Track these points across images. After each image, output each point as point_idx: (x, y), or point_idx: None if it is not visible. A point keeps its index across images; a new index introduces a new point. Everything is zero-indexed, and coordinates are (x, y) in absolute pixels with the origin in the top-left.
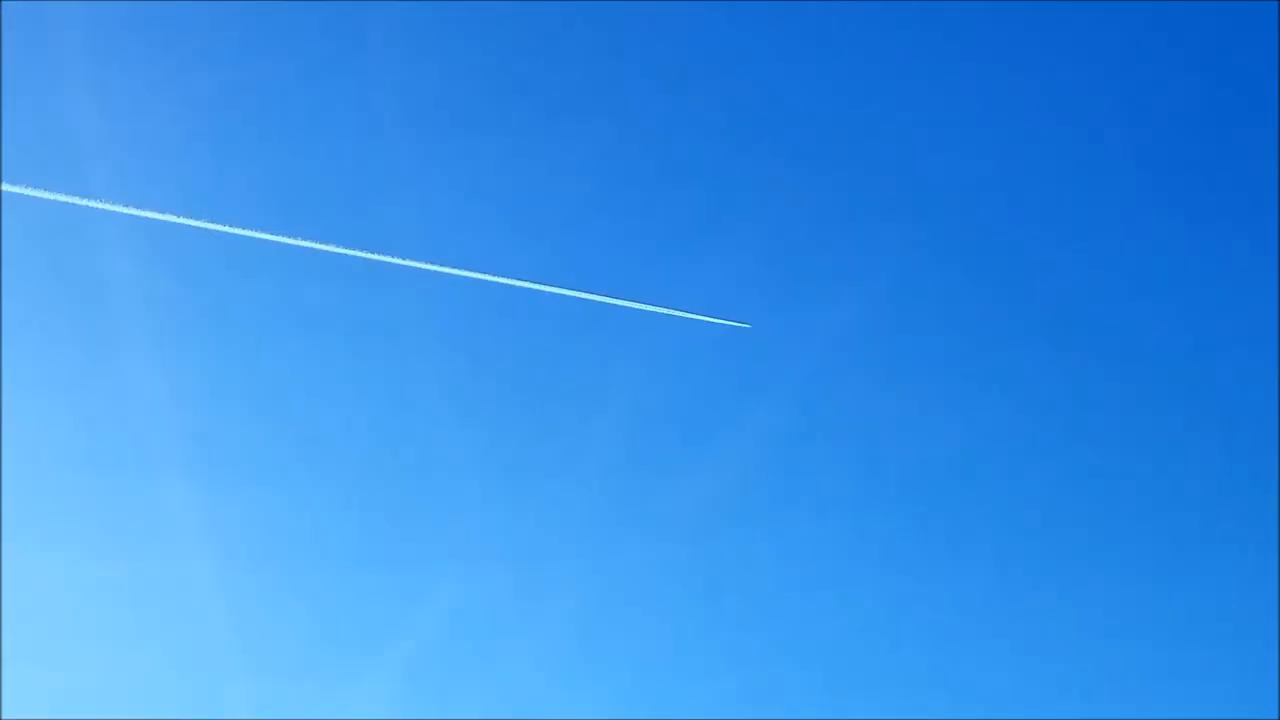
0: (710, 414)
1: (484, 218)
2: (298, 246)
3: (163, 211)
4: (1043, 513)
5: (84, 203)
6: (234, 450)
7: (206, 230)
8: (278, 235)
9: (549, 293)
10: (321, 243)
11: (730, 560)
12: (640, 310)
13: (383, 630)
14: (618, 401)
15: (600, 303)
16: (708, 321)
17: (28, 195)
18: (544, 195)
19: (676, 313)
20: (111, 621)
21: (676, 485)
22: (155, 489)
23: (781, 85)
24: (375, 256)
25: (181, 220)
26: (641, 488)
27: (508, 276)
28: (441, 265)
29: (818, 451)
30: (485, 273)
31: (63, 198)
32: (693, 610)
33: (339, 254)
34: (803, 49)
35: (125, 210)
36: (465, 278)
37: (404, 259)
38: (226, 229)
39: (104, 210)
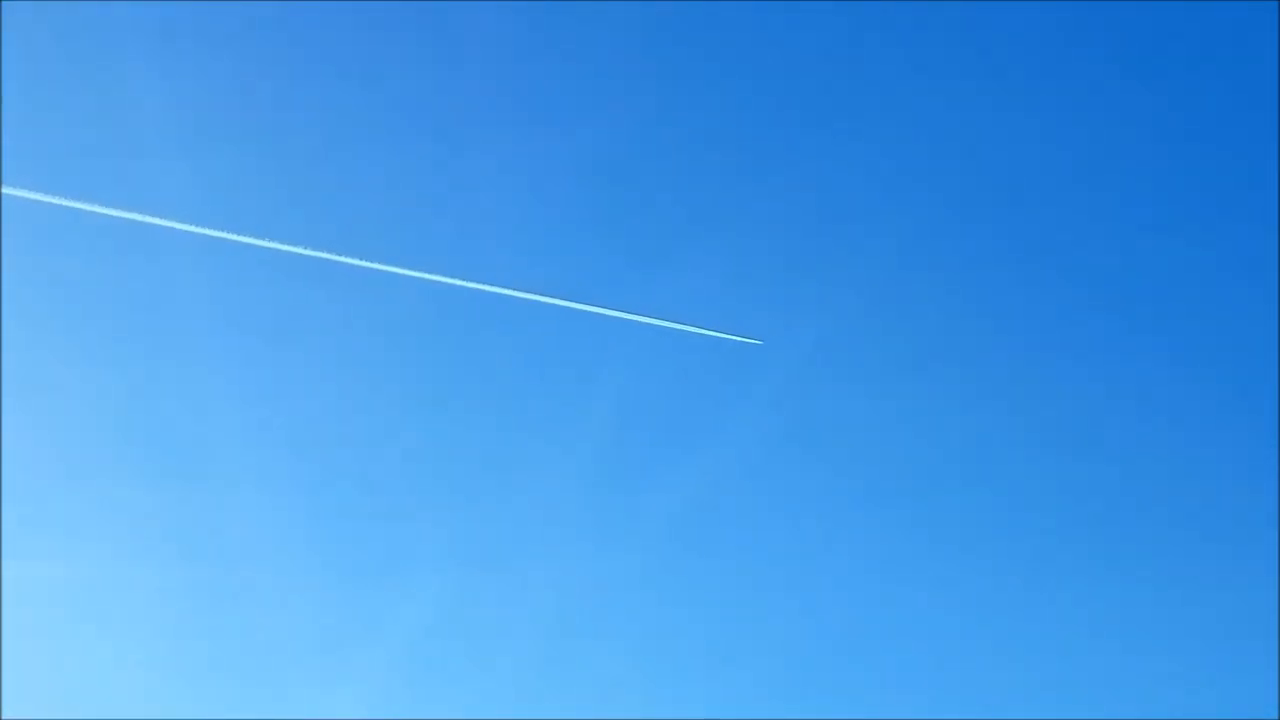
0: (690, 419)
1: (466, 222)
2: (275, 250)
3: (134, 212)
4: (1031, 516)
5: (65, 204)
6: (210, 452)
7: (182, 231)
8: (259, 239)
9: (527, 299)
10: (301, 247)
11: (709, 565)
12: (622, 317)
13: (360, 634)
14: (597, 407)
15: (580, 309)
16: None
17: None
18: (515, 200)
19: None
20: (86, 623)
21: (656, 490)
22: (129, 491)
23: (756, 91)
24: (354, 261)
25: (155, 221)
26: (621, 492)
27: (489, 284)
28: (424, 272)
29: (796, 457)
30: (468, 279)
31: (48, 199)
32: (671, 615)
33: (317, 258)
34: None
35: (104, 211)
36: (446, 283)
37: (386, 264)
38: (205, 231)
39: (83, 211)
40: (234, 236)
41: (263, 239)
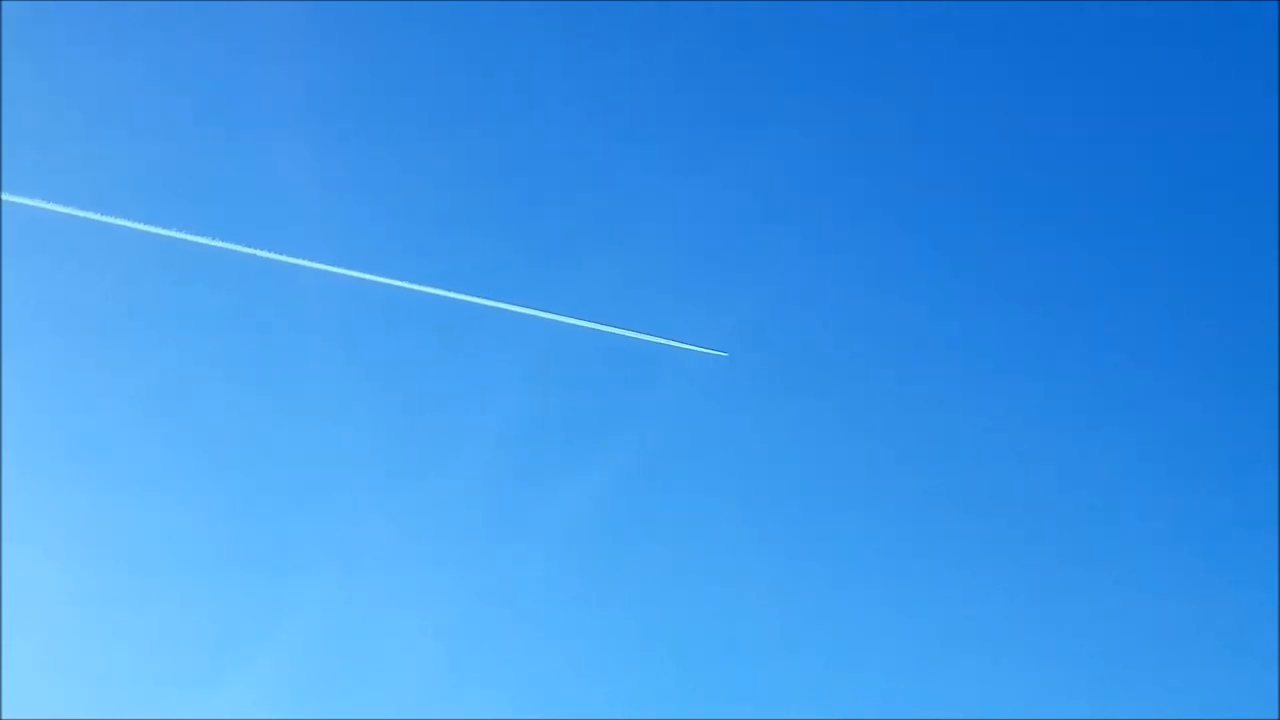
0: (590, 421)
1: (373, 217)
2: (173, 240)
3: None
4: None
5: None
6: (105, 451)
7: (85, 221)
8: (165, 230)
9: (431, 295)
10: (199, 237)
11: (605, 568)
12: (520, 316)
13: (253, 634)
14: (496, 407)
15: (477, 307)
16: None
17: None
18: (418, 196)
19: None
20: None
21: (553, 492)
22: (24, 490)
23: (665, 91)
24: (254, 252)
25: (47, 206)
26: (518, 494)
27: (388, 277)
28: (321, 263)
29: (694, 461)
30: (364, 273)
31: None
32: (567, 617)
33: (217, 249)
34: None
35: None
36: (346, 277)
37: (283, 255)
38: (105, 220)
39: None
40: (124, 222)
41: (152, 226)
